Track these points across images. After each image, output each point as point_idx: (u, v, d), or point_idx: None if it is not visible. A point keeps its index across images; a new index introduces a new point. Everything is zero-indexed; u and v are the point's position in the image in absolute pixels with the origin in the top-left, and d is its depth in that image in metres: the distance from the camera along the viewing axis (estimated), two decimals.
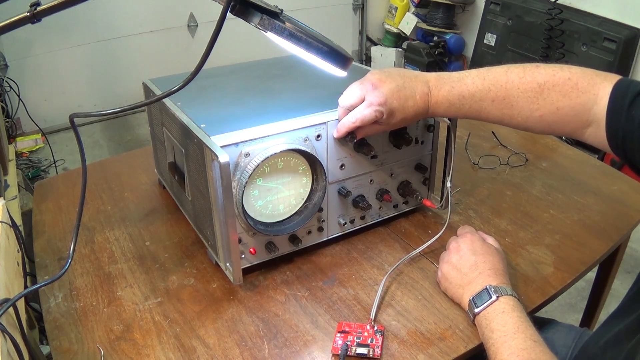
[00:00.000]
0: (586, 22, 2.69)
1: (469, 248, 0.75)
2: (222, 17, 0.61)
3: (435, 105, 0.75)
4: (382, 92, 0.72)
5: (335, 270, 0.82)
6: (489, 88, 0.72)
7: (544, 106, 0.70)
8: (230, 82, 0.98)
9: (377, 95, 0.72)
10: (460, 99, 0.73)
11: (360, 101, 0.74)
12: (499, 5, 3.15)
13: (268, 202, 0.76)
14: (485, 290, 0.68)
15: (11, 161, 1.92)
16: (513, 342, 0.61)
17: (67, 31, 2.98)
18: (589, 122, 0.68)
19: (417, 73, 0.76)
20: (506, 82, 0.71)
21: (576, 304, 1.78)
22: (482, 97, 0.72)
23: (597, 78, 0.68)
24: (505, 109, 0.72)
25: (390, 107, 0.72)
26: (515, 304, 0.66)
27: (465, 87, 0.73)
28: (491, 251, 0.75)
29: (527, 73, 0.71)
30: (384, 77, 0.74)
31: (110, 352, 0.68)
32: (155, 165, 1.06)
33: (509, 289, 0.68)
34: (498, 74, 0.72)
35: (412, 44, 3.68)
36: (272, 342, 0.69)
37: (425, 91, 0.74)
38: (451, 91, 0.73)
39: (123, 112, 0.69)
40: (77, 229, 0.71)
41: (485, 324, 0.66)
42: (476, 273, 0.71)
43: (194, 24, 3.41)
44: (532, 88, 0.70)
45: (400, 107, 0.73)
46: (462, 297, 0.72)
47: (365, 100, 0.73)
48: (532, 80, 0.70)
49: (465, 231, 0.80)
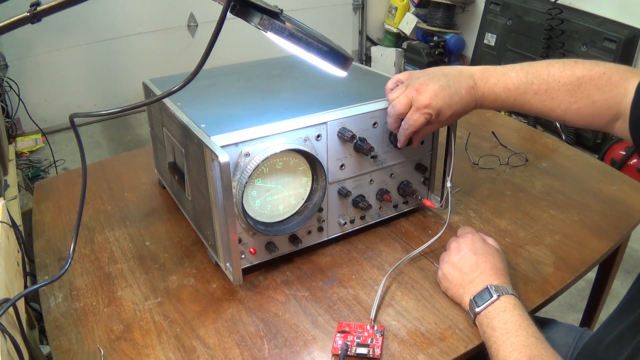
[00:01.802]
0: (586, 22, 2.69)
1: (470, 248, 0.75)
2: (222, 17, 0.61)
3: (482, 97, 0.78)
4: (427, 95, 0.75)
5: (335, 270, 0.82)
6: (532, 81, 0.75)
7: (581, 99, 0.73)
8: (230, 82, 0.98)
9: (422, 99, 0.76)
10: (506, 92, 0.76)
11: (407, 108, 0.77)
12: (499, 5, 3.15)
13: (267, 202, 0.76)
14: (486, 289, 0.68)
15: (11, 161, 1.92)
16: (515, 339, 0.62)
17: (67, 31, 2.98)
18: (619, 115, 0.71)
19: (460, 68, 0.79)
20: (548, 76, 0.74)
21: (576, 304, 1.78)
22: (526, 89, 0.75)
23: (629, 73, 0.70)
24: (547, 101, 0.75)
25: (437, 107, 0.76)
26: (517, 303, 0.66)
27: (510, 80, 0.76)
28: (492, 251, 0.75)
29: (566, 67, 0.74)
30: (427, 79, 0.77)
31: (110, 352, 0.68)
32: (155, 165, 1.06)
33: (510, 289, 0.69)
34: (540, 67, 0.75)
35: (412, 44, 3.68)
36: (272, 342, 0.69)
37: (471, 84, 0.77)
38: (497, 84, 0.76)
39: (123, 112, 0.69)
40: (77, 229, 0.71)
41: (487, 323, 0.66)
42: (477, 273, 0.72)
43: (194, 24, 3.41)
44: (571, 82, 0.73)
45: (447, 105, 0.76)
46: (463, 297, 0.72)
47: (412, 106, 0.77)
48: (571, 74, 0.73)
49: (465, 231, 0.80)
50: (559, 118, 0.76)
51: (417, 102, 0.76)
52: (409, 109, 0.77)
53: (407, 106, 0.77)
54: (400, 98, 0.78)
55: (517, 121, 1.52)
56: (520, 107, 0.77)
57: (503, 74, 0.77)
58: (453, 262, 0.75)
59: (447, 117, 0.78)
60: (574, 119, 0.75)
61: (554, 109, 0.75)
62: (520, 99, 0.76)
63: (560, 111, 0.75)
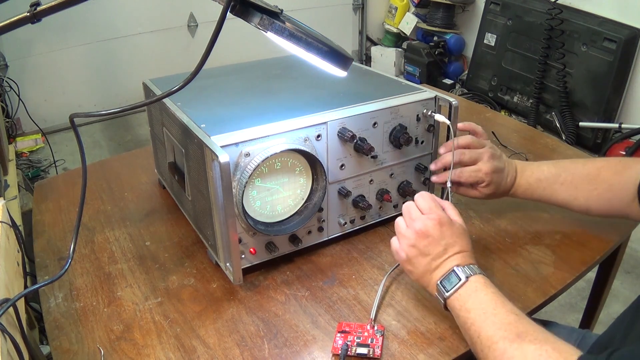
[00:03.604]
0: (586, 22, 2.69)
1: (438, 233, 0.69)
2: (222, 17, 0.61)
3: (517, 186, 0.86)
4: (492, 165, 0.84)
5: (335, 270, 0.82)
6: (559, 173, 0.84)
7: (600, 184, 0.81)
8: (230, 82, 0.98)
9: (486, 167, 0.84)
10: (538, 182, 0.85)
11: (472, 162, 0.84)
12: (499, 5, 3.15)
13: (267, 202, 0.76)
14: (452, 272, 0.66)
15: (11, 161, 1.92)
16: (495, 318, 0.61)
17: (67, 31, 2.98)
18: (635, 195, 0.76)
19: (508, 159, 0.88)
20: (573, 168, 0.84)
21: (576, 304, 1.78)
22: (555, 180, 0.84)
23: None
24: (571, 190, 0.84)
25: (489, 180, 0.84)
26: (487, 281, 0.65)
27: (541, 172, 0.85)
28: (459, 232, 0.71)
29: (588, 161, 0.85)
30: (497, 154, 0.86)
31: (110, 352, 0.68)
32: (155, 165, 1.06)
33: (477, 268, 0.67)
34: (566, 162, 0.86)
35: (412, 44, 3.68)
36: (272, 342, 0.69)
37: (513, 175, 0.86)
38: (532, 175, 0.86)
39: (123, 112, 0.69)
40: (77, 229, 0.71)
41: (459, 306, 0.64)
42: (444, 258, 0.69)
43: (194, 24, 3.41)
44: (591, 172, 0.83)
45: (496, 184, 0.85)
46: (429, 283, 0.69)
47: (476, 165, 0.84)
48: (592, 165, 0.83)
49: (427, 204, 0.72)
50: (582, 206, 0.84)
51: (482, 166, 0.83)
52: (472, 163, 0.84)
53: (472, 161, 0.84)
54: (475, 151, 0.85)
55: (517, 121, 1.52)
56: (548, 197, 0.85)
57: (537, 166, 0.87)
58: (420, 247, 0.69)
59: (490, 192, 0.85)
60: (596, 206, 0.83)
61: (577, 197, 0.83)
62: (549, 189, 0.85)
63: (583, 199, 0.83)
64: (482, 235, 0.89)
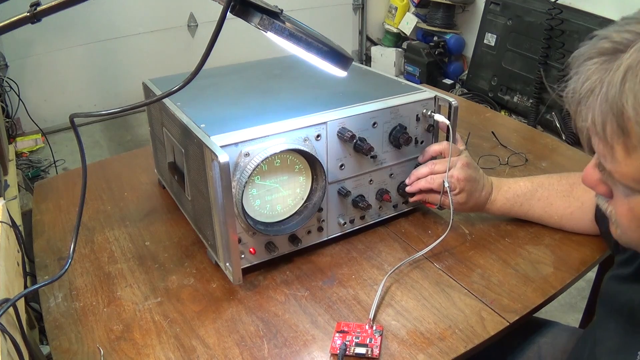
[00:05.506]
0: (586, 22, 2.69)
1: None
2: (222, 17, 0.61)
3: (493, 201, 0.87)
4: (465, 173, 0.83)
5: (335, 270, 0.82)
6: (536, 189, 0.86)
7: (573, 203, 0.84)
8: (230, 82, 0.98)
9: (458, 173, 0.83)
10: (515, 197, 0.87)
11: (444, 170, 0.84)
12: (499, 5, 3.16)
13: (267, 201, 0.76)
14: None
15: (11, 161, 1.92)
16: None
17: (67, 31, 2.98)
18: None
19: (485, 175, 0.88)
20: (548, 184, 0.86)
21: (576, 304, 1.78)
22: (531, 195, 0.86)
23: None
24: (547, 207, 0.86)
25: (464, 187, 0.83)
26: None
27: (519, 188, 0.87)
28: None
29: (563, 177, 0.87)
30: (473, 164, 0.86)
31: (110, 352, 0.68)
32: (155, 165, 1.06)
33: None
34: (542, 178, 0.88)
35: (412, 44, 3.68)
36: (272, 342, 0.69)
37: (489, 190, 0.87)
38: (508, 191, 0.87)
39: (123, 112, 0.69)
40: (77, 229, 0.71)
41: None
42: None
43: (194, 24, 3.41)
44: (565, 189, 0.85)
45: (468, 193, 0.84)
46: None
47: (449, 171, 0.84)
48: (566, 182, 0.85)
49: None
50: (557, 224, 0.87)
51: (454, 172, 0.83)
52: (443, 171, 0.84)
53: (446, 167, 0.84)
54: (455, 159, 0.84)
55: (517, 121, 1.52)
56: (524, 213, 0.87)
57: (514, 182, 0.88)
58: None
59: (462, 201, 0.84)
60: (569, 225, 0.86)
61: (552, 215, 0.86)
62: (526, 205, 0.86)
63: (557, 217, 0.86)
64: (482, 235, 0.89)
